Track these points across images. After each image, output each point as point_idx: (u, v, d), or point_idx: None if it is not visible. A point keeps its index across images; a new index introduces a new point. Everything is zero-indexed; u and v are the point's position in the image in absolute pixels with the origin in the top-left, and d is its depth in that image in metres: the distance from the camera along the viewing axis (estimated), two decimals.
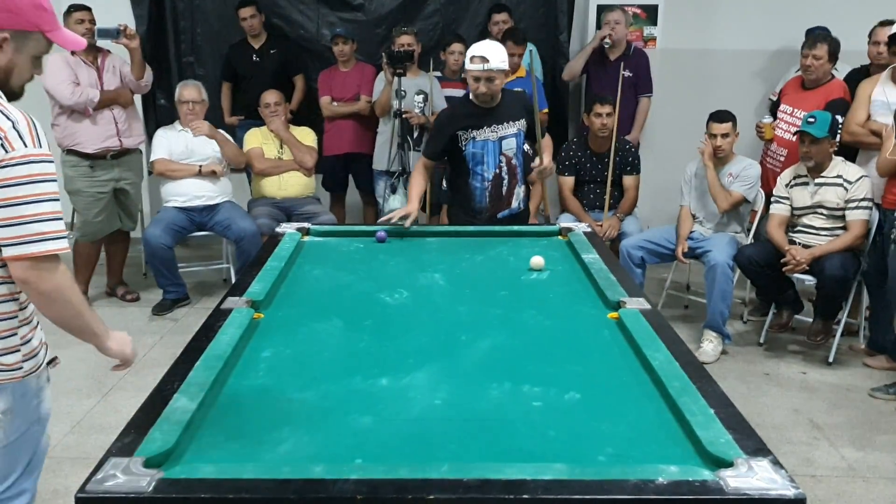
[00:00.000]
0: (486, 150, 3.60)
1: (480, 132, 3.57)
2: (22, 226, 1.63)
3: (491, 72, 3.41)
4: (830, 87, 4.42)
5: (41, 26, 1.72)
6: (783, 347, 4.34)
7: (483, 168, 3.62)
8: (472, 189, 3.66)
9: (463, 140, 3.58)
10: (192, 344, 2.07)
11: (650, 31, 5.73)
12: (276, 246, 3.01)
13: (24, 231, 1.63)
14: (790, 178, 4.19)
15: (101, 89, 4.62)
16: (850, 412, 3.59)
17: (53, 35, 1.75)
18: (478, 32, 5.72)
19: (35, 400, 1.86)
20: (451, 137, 3.58)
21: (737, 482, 1.42)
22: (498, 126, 3.60)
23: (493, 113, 3.58)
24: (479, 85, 3.45)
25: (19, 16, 1.68)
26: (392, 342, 2.18)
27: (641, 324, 2.19)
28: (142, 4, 5.59)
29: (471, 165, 3.62)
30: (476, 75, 3.44)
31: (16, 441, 1.84)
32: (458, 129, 3.57)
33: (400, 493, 1.41)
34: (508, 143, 3.64)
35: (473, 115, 3.58)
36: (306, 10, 5.78)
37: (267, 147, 5.07)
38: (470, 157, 3.60)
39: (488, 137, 3.58)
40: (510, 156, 3.66)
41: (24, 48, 1.73)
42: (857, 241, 3.98)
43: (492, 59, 3.40)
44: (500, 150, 3.63)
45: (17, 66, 1.74)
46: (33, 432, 1.89)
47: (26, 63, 1.76)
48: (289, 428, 1.68)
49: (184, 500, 1.41)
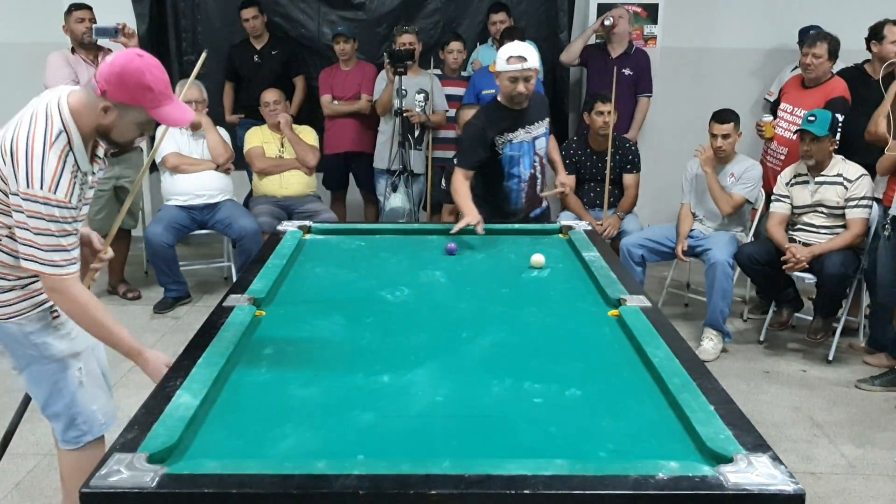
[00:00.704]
0: (522, 152, 3.59)
1: (516, 134, 3.55)
2: (24, 247, 1.96)
3: (528, 71, 3.39)
4: (830, 86, 4.43)
5: (143, 104, 1.95)
6: (783, 345, 4.35)
7: (519, 169, 3.61)
8: (507, 191, 3.63)
9: (500, 144, 3.55)
10: (194, 341, 2.08)
11: (650, 29, 5.74)
12: (278, 244, 3.01)
13: (25, 251, 1.96)
14: (790, 176, 4.19)
15: None
16: (850, 410, 3.60)
17: (155, 112, 1.96)
18: (478, 31, 5.73)
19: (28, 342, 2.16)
20: (489, 144, 3.53)
21: (736, 478, 1.43)
22: (531, 126, 3.59)
23: (525, 114, 3.56)
24: (518, 85, 3.40)
25: (126, 91, 1.92)
26: (393, 339, 2.19)
27: (642, 321, 2.20)
28: (143, 3, 5.59)
29: (507, 168, 3.59)
30: (514, 75, 3.39)
31: (28, 373, 2.23)
32: (495, 135, 3.53)
33: (402, 489, 1.41)
34: (540, 142, 3.65)
35: (507, 119, 3.54)
36: (307, 9, 5.78)
37: (268, 146, 5.07)
38: (507, 160, 3.57)
39: (524, 139, 3.57)
40: (542, 155, 3.68)
41: (126, 116, 1.97)
42: (857, 240, 3.99)
43: (529, 58, 3.38)
44: (534, 150, 3.63)
45: (117, 127, 2.00)
46: (47, 370, 2.20)
47: (128, 127, 2.01)
48: (291, 424, 1.68)
49: (187, 495, 1.42)
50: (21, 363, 2.24)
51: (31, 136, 1.93)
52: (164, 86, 1.96)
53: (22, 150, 1.92)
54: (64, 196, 1.93)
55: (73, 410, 2.27)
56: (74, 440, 2.31)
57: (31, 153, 1.91)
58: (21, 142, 1.93)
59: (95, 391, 2.32)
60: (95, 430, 2.32)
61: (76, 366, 2.25)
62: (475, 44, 5.65)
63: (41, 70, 4.65)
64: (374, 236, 3.30)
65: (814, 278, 4.09)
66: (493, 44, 5.45)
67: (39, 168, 1.90)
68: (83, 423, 2.29)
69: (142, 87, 1.91)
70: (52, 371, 2.22)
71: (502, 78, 3.45)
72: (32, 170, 1.90)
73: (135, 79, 1.91)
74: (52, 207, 1.92)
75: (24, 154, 1.91)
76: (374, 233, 3.37)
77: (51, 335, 2.20)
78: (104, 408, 2.35)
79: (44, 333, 2.19)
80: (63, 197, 1.93)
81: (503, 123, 3.53)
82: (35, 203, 1.91)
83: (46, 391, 2.24)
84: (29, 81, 4.96)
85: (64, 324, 2.22)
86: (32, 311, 2.17)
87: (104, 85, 1.92)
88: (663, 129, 5.78)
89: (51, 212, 1.92)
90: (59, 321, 2.22)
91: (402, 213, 4.97)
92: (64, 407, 2.26)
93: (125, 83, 1.91)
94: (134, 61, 1.92)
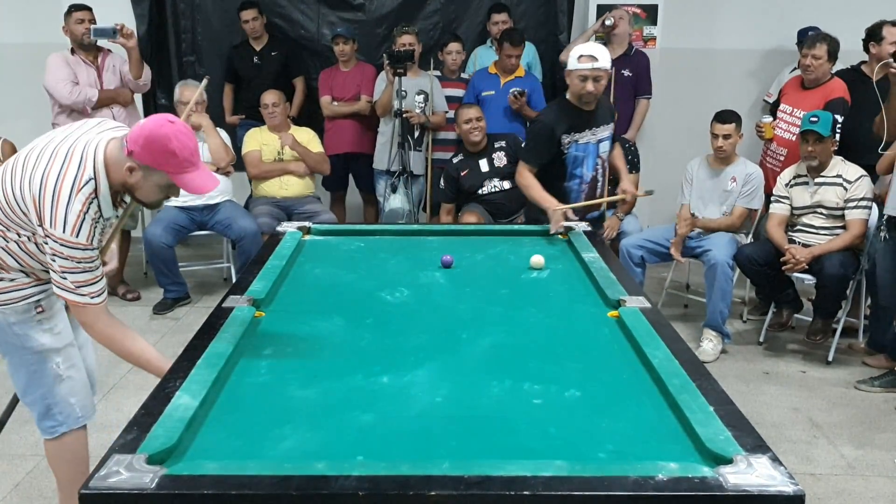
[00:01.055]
0: (587, 153, 3.59)
1: (582, 135, 3.55)
2: (54, 275, 2.06)
3: (598, 71, 3.40)
4: (830, 87, 4.43)
5: (167, 169, 1.99)
6: (783, 346, 4.35)
7: (582, 170, 3.61)
8: (567, 191, 3.63)
9: (566, 144, 3.55)
10: (193, 342, 2.08)
11: (650, 30, 5.74)
12: (277, 245, 3.01)
13: (54, 278, 2.07)
14: (790, 177, 4.20)
15: (100, 88, 4.63)
16: (850, 411, 3.60)
17: (177, 178, 2.01)
18: (478, 32, 5.73)
19: (10, 331, 2.24)
20: (557, 142, 3.54)
21: (736, 479, 1.43)
22: (597, 129, 3.59)
23: (594, 116, 3.57)
24: (588, 84, 3.41)
25: (151, 155, 1.97)
26: (393, 340, 2.19)
27: (641, 322, 2.20)
28: (142, 4, 5.59)
29: (570, 168, 3.60)
30: (585, 74, 3.41)
31: (9, 359, 2.31)
32: (562, 134, 3.54)
33: (401, 490, 1.41)
34: (604, 145, 3.65)
35: (576, 118, 3.55)
36: (307, 10, 5.78)
37: (267, 148, 5.06)
38: (571, 160, 3.58)
39: (589, 140, 3.58)
40: (604, 158, 3.68)
41: (151, 178, 2.03)
42: (857, 241, 3.99)
43: (600, 58, 3.39)
44: (598, 152, 3.62)
45: (142, 188, 2.05)
46: (25, 360, 2.28)
47: (152, 189, 2.06)
48: (290, 425, 1.68)
49: (187, 496, 1.42)
50: (3, 349, 2.31)
51: (61, 177, 1.99)
52: (189, 153, 1.99)
53: (50, 190, 1.98)
54: (85, 240, 2.00)
55: (49, 401, 2.34)
56: (50, 430, 2.38)
57: (58, 195, 1.97)
58: (51, 180, 1.99)
59: (75, 385, 2.37)
60: (71, 422, 2.38)
61: (55, 360, 2.31)
62: (474, 45, 5.65)
63: (41, 70, 4.66)
64: (373, 237, 3.30)
65: (813, 279, 4.09)
66: (491, 45, 5.45)
67: (63, 212, 1.97)
68: (59, 413, 2.36)
69: (167, 152, 1.96)
70: (30, 361, 2.29)
71: (572, 76, 3.47)
72: (56, 212, 1.97)
73: (161, 144, 1.95)
74: (72, 250, 1.99)
75: (51, 194, 1.97)
76: (374, 234, 3.37)
77: (33, 328, 2.26)
78: (82, 401, 2.41)
79: (26, 326, 2.25)
80: (84, 241, 2.00)
81: (571, 122, 3.54)
82: (56, 244, 1.99)
83: (24, 379, 2.32)
84: (29, 82, 4.99)
85: (48, 319, 2.28)
86: (19, 302, 2.23)
87: (132, 146, 1.98)
88: (663, 129, 5.79)
89: (71, 254, 2.00)
90: (43, 316, 2.27)
91: (402, 214, 4.97)
92: (40, 396, 2.33)
93: (151, 147, 1.96)
94: (163, 127, 1.96)
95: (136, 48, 4.68)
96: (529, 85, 5.13)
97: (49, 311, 2.28)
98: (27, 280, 2.22)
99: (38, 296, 2.25)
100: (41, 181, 1.99)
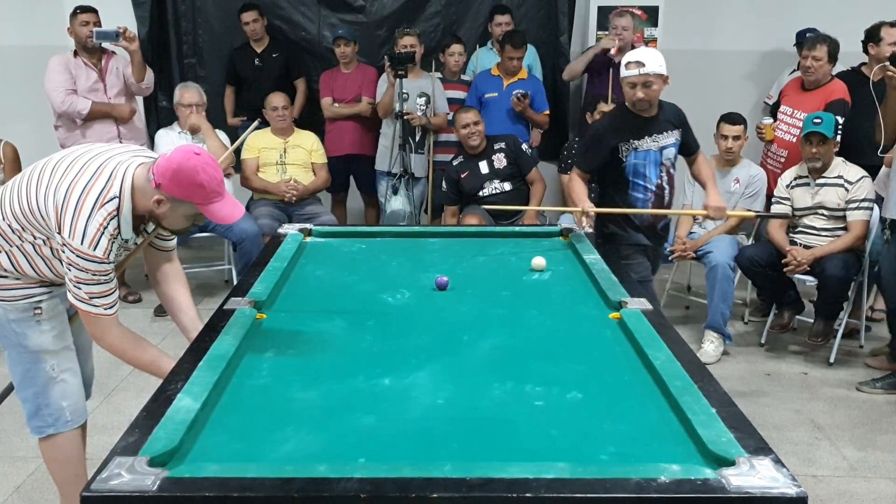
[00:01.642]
0: (647, 161, 3.44)
1: (642, 142, 3.42)
2: (69, 283, 2.09)
3: (648, 76, 3.26)
4: (830, 88, 4.43)
5: (194, 200, 2.03)
6: (784, 348, 4.35)
7: (645, 180, 3.46)
8: (632, 201, 3.49)
9: (623, 151, 3.42)
10: (194, 344, 2.08)
11: (651, 32, 5.74)
12: (279, 247, 3.01)
13: (69, 287, 2.09)
14: (791, 178, 4.20)
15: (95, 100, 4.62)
16: (851, 412, 3.59)
17: (205, 209, 2.05)
18: (479, 34, 5.74)
19: (9, 327, 2.27)
20: (611, 149, 3.43)
21: (739, 481, 1.43)
22: (658, 135, 3.45)
23: (654, 122, 3.43)
24: (637, 91, 3.29)
25: (179, 188, 2.01)
26: (394, 342, 2.19)
27: (643, 324, 2.20)
28: (144, 6, 5.61)
29: (630, 177, 3.45)
30: (633, 81, 3.29)
31: (7, 353, 2.33)
32: (619, 141, 3.41)
33: (403, 492, 1.41)
34: (669, 152, 3.50)
35: (633, 125, 3.42)
36: (307, 12, 5.79)
37: (268, 153, 5.05)
38: (630, 168, 3.44)
39: (650, 147, 3.44)
40: (668, 165, 3.52)
41: (178, 210, 2.07)
42: (858, 242, 3.99)
43: (648, 63, 3.26)
44: (661, 159, 3.48)
45: (168, 218, 2.10)
46: (21, 357, 2.31)
47: (178, 219, 2.12)
48: (292, 427, 1.68)
49: (188, 498, 1.42)
50: (2, 342, 2.35)
51: (86, 190, 2.02)
52: (216, 184, 2.03)
53: (73, 201, 2.01)
54: (102, 254, 2.03)
55: (40, 401, 2.36)
56: (38, 429, 2.40)
57: (80, 206, 2.00)
58: (76, 192, 2.02)
59: (68, 389, 2.39)
60: (59, 426, 2.39)
61: (50, 362, 2.34)
62: (475, 46, 5.66)
63: (42, 73, 4.66)
64: (374, 239, 3.30)
65: (815, 280, 4.08)
66: (492, 46, 5.46)
67: (84, 224, 1.99)
68: (48, 415, 2.37)
69: (194, 184, 2.00)
70: (25, 359, 2.32)
71: (624, 84, 3.38)
72: (77, 223, 1.99)
73: (189, 177, 1.99)
74: (88, 262, 2.02)
75: (74, 205, 2.00)
76: (375, 235, 3.37)
77: (30, 328, 2.29)
78: (74, 406, 2.41)
79: (24, 325, 2.28)
80: (101, 254, 2.02)
81: (629, 130, 3.41)
82: (73, 254, 2.01)
83: (19, 375, 2.36)
84: (31, 85, 4.99)
85: (47, 320, 2.31)
86: (19, 301, 2.27)
87: (160, 178, 2.01)
88: None
89: (87, 266, 2.02)
90: (42, 317, 2.30)
91: (403, 215, 4.97)
92: (32, 395, 2.36)
93: (179, 180, 2.00)
94: (191, 160, 2.00)
95: (139, 51, 4.69)
96: (532, 87, 5.14)
97: (48, 312, 2.30)
98: (33, 281, 2.25)
99: (39, 297, 2.28)
100: (66, 191, 2.02)
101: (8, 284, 2.25)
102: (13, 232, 2.15)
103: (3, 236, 2.18)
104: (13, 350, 2.33)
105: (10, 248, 2.19)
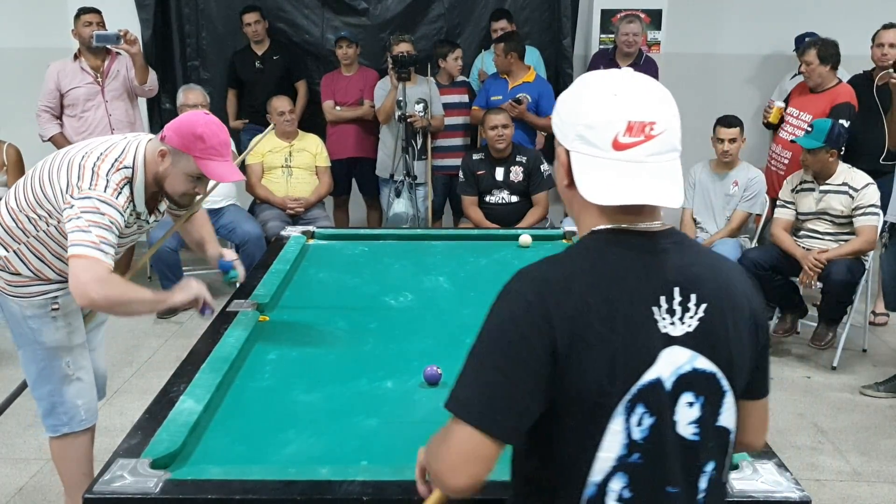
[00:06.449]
0: None
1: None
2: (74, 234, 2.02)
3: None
4: (836, 92, 4.42)
5: (192, 152, 2.09)
6: (787, 352, 4.34)
7: None
8: None
9: None
10: (197, 346, 2.09)
11: (654, 35, 5.74)
12: (281, 249, 3.02)
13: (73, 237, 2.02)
14: (796, 182, 4.18)
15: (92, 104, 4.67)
16: (855, 417, 3.58)
17: (201, 163, 2.10)
18: (481, 37, 5.73)
19: (25, 324, 2.28)
20: None
21: (742, 484, 1.43)
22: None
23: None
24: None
25: (179, 137, 2.10)
26: (397, 345, 2.19)
27: None
28: (147, 9, 5.61)
29: None
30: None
31: (22, 351, 2.33)
32: None
33: (406, 495, 1.41)
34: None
35: None
36: (311, 15, 5.79)
37: (273, 156, 5.05)
38: None
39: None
40: None
41: (178, 164, 2.12)
42: (868, 247, 3.97)
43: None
44: None
45: (170, 176, 2.14)
46: (36, 354, 2.30)
47: (178, 177, 2.14)
48: (295, 430, 1.68)
49: (191, 500, 1.42)
50: (17, 340, 2.36)
51: (101, 158, 2.10)
52: (217, 142, 2.10)
53: (89, 166, 2.08)
54: (122, 204, 2.07)
55: (55, 399, 2.36)
56: (53, 428, 2.39)
57: (97, 169, 2.07)
58: (90, 160, 2.10)
59: (83, 387, 2.39)
60: (74, 424, 2.39)
61: (65, 359, 2.34)
62: (479, 50, 5.65)
63: (42, 75, 4.67)
64: (377, 242, 3.30)
65: (820, 284, 4.07)
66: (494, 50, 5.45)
67: (105, 179, 2.06)
68: (63, 413, 2.37)
69: (194, 135, 2.08)
70: (41, 357, 2.32)
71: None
72: (98, 178, 2.05)
73: (189, 127, 2.09)
74: (108, 207, 2.04)
75: (90, 168, 2.07)
76: (378, 238, 3.37)
77: (46, 324, 2.30)
78: (88, 405, 2.42)
79: (40, 321, 2.29)
80: (122, 203, 2.06)
81: None
82: (93, 200, 2.03)
83: (34, 373, 2.36)
84: (33, 87, 4.99)
85: (63, 316, 2.32)
86: (37, 297, 2.28)
87: (166, 131, 2.13)
88: None
89: (107, 210, 2.03)
90: (58, 313, 2.30)
91: (406, 218, 4.97)
92: (47, 393, 2.36)
93: (180, 129, 2.11)
94: (196, 115, 2.14)
95: (140, 54, 4.69)
96: (539, 90, 5.10)
97: (64, 308, 2.31)
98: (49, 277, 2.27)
99: (55, 292, 2.29)
100: (81, 161, 2.08)
101: (23, 282, 2.27)
102: (29, 221, 2.18)
103: (11, 234, 2.21)
104: (28, 348, 2.33)
105: (19, 246, 2.21)
